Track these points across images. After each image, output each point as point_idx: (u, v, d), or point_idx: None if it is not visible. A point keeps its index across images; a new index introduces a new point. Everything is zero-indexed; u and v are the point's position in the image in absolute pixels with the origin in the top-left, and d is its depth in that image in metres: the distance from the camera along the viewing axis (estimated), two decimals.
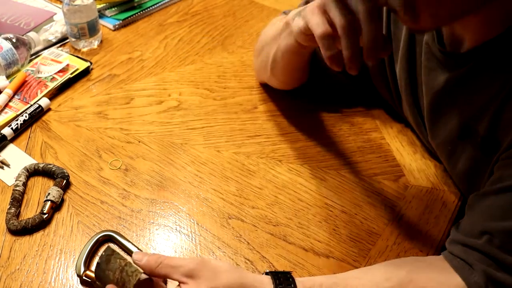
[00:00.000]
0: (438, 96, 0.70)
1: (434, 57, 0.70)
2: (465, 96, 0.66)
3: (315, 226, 0.74)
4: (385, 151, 0.85)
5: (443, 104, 0.70)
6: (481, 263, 0.57)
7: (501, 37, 0.60)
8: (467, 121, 0.66)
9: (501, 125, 0.61)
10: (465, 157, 0.69)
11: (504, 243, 0.56)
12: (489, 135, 0.63)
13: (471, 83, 0.65)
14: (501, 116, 0.61)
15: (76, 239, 0.72)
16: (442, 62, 0.69)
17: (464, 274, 0.58)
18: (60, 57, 1.05)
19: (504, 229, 0.57)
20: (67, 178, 0.79)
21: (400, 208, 0.76)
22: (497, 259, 0.56)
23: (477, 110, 0.64)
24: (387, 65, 0.83)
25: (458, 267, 0.59)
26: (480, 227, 0.59)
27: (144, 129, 0.90)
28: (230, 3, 1.27)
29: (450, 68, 0.67)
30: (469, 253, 0.59)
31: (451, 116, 0.69)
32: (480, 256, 0.58)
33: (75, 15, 1.05)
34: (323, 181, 0.80)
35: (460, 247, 0.60)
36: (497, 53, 0.61)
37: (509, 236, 0.56)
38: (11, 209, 0.74)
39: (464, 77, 0.65)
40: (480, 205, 0.61)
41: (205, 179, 0.81)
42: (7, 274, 0.67)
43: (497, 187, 0.59)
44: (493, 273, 0.56)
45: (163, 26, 1.19)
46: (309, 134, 0.88)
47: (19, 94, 0.96)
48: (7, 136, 0.87)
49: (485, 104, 0.63)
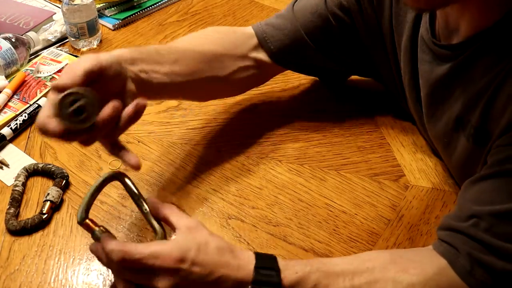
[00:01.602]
0: (434, 89, 0.71)
1: (429, 49, 0.70)
2: (460, 87, 0.66)
3: (315, 226, 0.73)
4: (385, 151, 0.85)
5: (439, 96, 0.70)
6: (466, 246, 0.57)
7: (498, 24, 0.60)
8: (461, 112, 0.66)
9: (491, 115, 0.61)
10: (460, 148, 0.69)
11: (491, 226, 0.56)
12: (481, 125, 0.63)
13: (466, 74, 0.65)
14: (492, 106, 0.61)
15: (75, 239, 0.72)
16: (437, 54, 0.69)
17: (450, 257, 0.58)
18: (60, 56, 1.05)
19: (491, 212, 0.57)
20: (67, 178, 0.79)
21: (400, 208, 0.76)
22: (483, 241, 0.57)
23: (471, 101, 0.64)
24: (391, 61, 0.82)
25: (444, 250, 0.59)
26: (469, 212, 0.59)
27: (144, 129, 0.89)
28: (230, 3, 1.27)
29: (445, 60, 0.67)
30: (455, 236, 0.59)
31: (447, 108, 0.69)
32: (465, 239, 0.58)
33: (74, 15, 1.05)
34: (323, 181, 0.80)
35: (447, 231, 0.61)
36: (494, 42, 0.61)
37: (496, 219, 0.57)
38: (11, 209, 0.74)
39: (459, 68, 0.66)
40: (470, 191, 0.61)
41: (205, 179, 0.80)
42: (6, 275, 0.67)
43: (487, 173, 0.60)
44: (479, 256, 0.56)
45: (162, 25, 1.19)
46: (309, 134, 0.88)
47: (18, 94, 0.96)
48: (7, 136, 0.86)
49: (478, 94, 0.63)
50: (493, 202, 0.57)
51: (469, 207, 0.60)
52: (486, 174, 0.60)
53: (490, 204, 0.58)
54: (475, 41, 0.62)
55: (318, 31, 0.84)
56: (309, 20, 0.83)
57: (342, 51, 0.86)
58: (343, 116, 0.92)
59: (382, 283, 0.58)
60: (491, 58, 0.61)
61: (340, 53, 0.86)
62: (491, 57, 0.61)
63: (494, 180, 0.59)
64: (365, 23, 0.82)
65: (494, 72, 0.60)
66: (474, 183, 0.61)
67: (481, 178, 0.60)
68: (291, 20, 0.84)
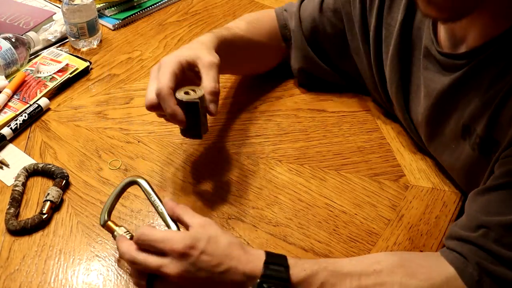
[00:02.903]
0: (440, 98, 0.70)
1: (435, 60, 0.70)
2: (466, 97, 0.66)
3: (315, 226, 0.73)
4: (385, 151, 0.85)
5: (446, 105, 0.70)
6: (475, 256, 0.57)
7: (507, 33, 0.60)
8: (467, 121, 0.66)
9: (499, 124, 0.61)
10: (464, 157, 0.69)
11: (500, 236, 0.56)
12: (487, 135, 0.63)
13: (474, 82, 0.65)
14: (499, 115, 0.61)
15: (75, 239, 0.72)
16: (443, 64, 0.69)
17: (459, 265, 0.58)
18: (60, 56, 1.05)
19: (500, 223, 0.57)
20: (67, 178, 0.79)
21: (400, 208, 0.76)
22: (492, 252, 0.57)
23: (477, 110, 0.64)
24: (374, 70, 0.84)
25: (453, 259, 0.59)
26: (477, 222, 0.59)
27: (144, 129, 0.89)
28: (230, 3, 1.27)
29: (451, 69, 0.67)
30: (464, 246, 0.59)
31: (452, 117, 0.69)
32: (475, 249, 0.58)
33: (74, 15, 1.05)
34: (323, 181, 0.80)
35: (455, 241, 0.61)
36: (502, 51, 0.61)
37: (506, 230, 0.57)
38: (11, 209, 0.74)
39: (467, 76, 0.65)
40: (478, 201, 0.61)
41: (205, 179, 0.80)
42: (6, 275, 0.67)
43: (496, 184, 0.60)
44: (488, 266, 0.56)
45: (162, 25, 1.19)
46: (309, 134, 0.88)
47: (18, 94, 0.96)
48: (7, 136, 0.86)
49: (485, 103, 0.63)
50: (501, 213, 0.57)
51: (477, 217, 0.59)
52: (494, 185, 0.60)
53: (498, 215, 0.57)
54: (483, 50, 0.62)
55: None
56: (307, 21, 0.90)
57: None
58: (343, 116, 0.92)
59: (388, 285, 0.58)
60: (500, 67, 0.61)
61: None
62: (499, 66, 0.61)
63: (502, 191, 0.59)
64: (354, 27, 0.86)
65: (503, 81, 0.60)
66: (482, 193, 0.61)
67: (489, 189, 0.60)
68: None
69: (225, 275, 0.57)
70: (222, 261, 0.58)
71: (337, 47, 0.91)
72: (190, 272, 0.57)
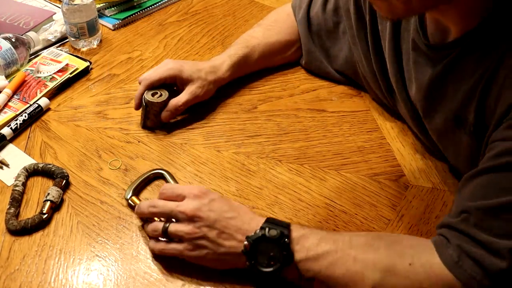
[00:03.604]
0: (429, 90, 0.72)
1: (422, 52, 0.72)
2: (453, 86, 0.68)
3: (315, 226, 0.73)
4: (385, 151, 0.85)
5: (436, 96, 0.71)
6: (456, 239, 0.59)
7: (481, 25, 0.62)
8: (458, 110, 0.68)
9: (487, 108, 0.63)
10: (465, 146, 0.69)
11: (479, 220, 0.58)
12: (478, 121, 0.65)
13: (457, 72, 0.66)
14: (486, 98, 0.63)
15: (75, 239, 0.72)
16: (429, 56, 0.70)
17: (441, 247, 0.60)
18: (60, 56, 1.05)
19: (479, 207, 0.58)
20: (67, 178, 0.79)
21: (400, 208, 0.76)
22: (471, 235, 0.58)
23: (465, 98, 0.66)
24: (376, 69, 0.84)
25: (437, 241, 0.61)
26: (462, 207, 0.60)
27: (144, 129, 0.89)
28: (230, 3, 1.27)
29: (438, 61, 0.69)
30: (448, 232, 0.61)
31: (444, 108, 0.70)
32: (456, 233, 0.60)
33: (74, 15, 1.05)
34: (323, 181, 0.80)
35: (443, 229, 0.62)
36: (479, 41, 0.63)
37: (484, 214, 0.58)
38: (11, 209, 0.74)
39: (451, 65, 0.67)
40: (466, 187, 0.62)
41: (205, 179, 0.80)
42: (6, 275, 0.67)
43: (481, 168, 0.61)
44: (468, 248, 0.58)
45: (162, 25, 1.19)
46: (309, 134, 0.88)
47: (18, 94, 0.96)
48: (7, 136, 0.86)
49: (471, 90, 0.64)
50: (482, 197, 0.59)
51: (463, 204, 0.61)
52: (480, 170, 0.61)
53: (479, 199, 0.59)
54: (463, 40, 0.64)
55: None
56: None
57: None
58: (343, 116, 0.92)
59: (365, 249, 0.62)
60: (480, 54, 0.63)
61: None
62: (479, 54, 0.63)
63: (487, 176, 0.60)
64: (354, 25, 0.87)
65: (485, 66, 0.62)
66: (470, 179, 0.62)
67: (476, 174, 0.61)
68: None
69: (232, 220, 0.65)
70: (231, 209, 0.66)
71: (338, 43, 0.94)
72: (202, 210, 0.65)
